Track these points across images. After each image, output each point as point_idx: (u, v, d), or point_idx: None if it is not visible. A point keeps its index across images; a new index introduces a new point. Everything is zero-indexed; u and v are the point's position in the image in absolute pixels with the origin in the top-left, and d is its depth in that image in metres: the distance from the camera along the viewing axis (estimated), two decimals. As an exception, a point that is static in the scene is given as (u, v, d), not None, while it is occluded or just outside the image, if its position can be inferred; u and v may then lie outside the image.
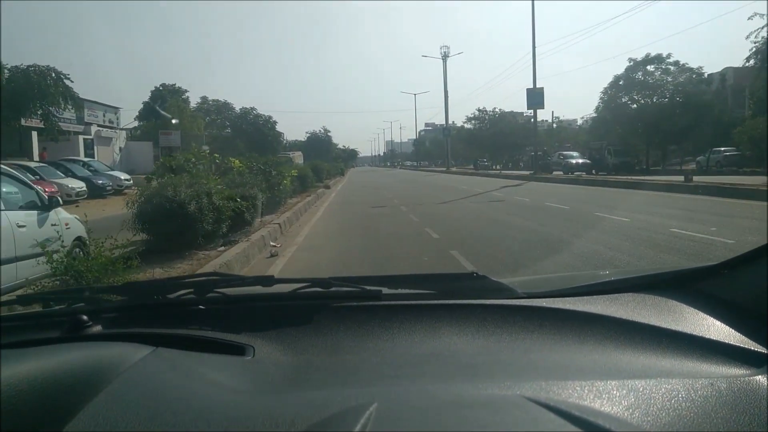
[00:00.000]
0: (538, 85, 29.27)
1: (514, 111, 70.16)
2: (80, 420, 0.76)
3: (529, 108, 28.67)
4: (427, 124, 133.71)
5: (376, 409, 0.71)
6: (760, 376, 0.83)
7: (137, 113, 47.73)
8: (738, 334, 0.98)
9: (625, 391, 0.78)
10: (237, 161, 12.04)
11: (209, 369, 0.95)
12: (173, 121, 35.94)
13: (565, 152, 38.47)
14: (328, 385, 0.89)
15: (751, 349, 0.93)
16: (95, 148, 32.98)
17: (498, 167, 59.41)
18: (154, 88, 50.25)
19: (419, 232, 10.15)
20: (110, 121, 36.77)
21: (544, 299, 1.21)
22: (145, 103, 49.09)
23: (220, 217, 7.84)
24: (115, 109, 38.26)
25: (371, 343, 1.08)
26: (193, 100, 53.19)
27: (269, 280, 1.32)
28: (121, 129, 38.29)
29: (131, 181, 25.81)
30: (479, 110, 71.40)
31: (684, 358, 0.93)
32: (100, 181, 23.32)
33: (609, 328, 1.05)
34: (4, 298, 3.84)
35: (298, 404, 0.79)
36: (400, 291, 1.27)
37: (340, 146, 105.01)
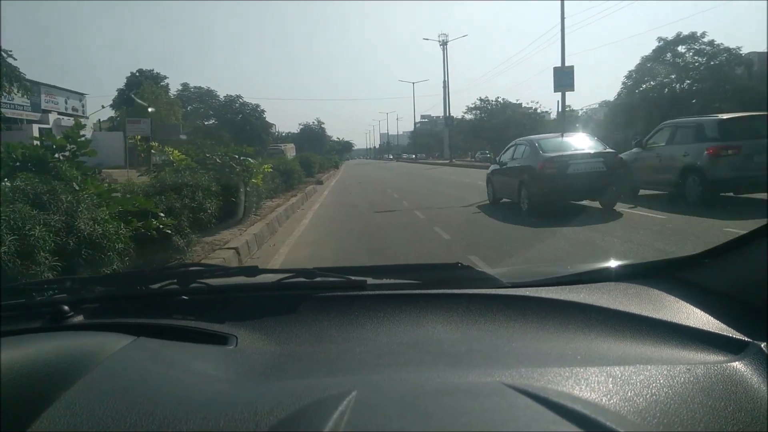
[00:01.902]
0: (558, 67, 25.30)
1: (520, 101, 66.75)
2: (56, 408, 0.76)
3: (556, 90, 24.63)
4: (423, 116, 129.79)
5: (355, 397, 0.71)
6: (737, 362, 0.84)
7: (111, 101, 43.71)
8: (717, 322, 0.98)
9: (603, 377, 0.79)
10: (176, 152, 8.05)
11: (191, 358, 0.94)
12: (149, 109, 31.74)
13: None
14: (310, 374, 0.89)
15: (729, 336, 0.93)
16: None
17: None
18: (130, 74, 46.10)
19: (458, 260, 6.20)
20: (74, 109, 32.66)
21: (527, 288, 1.21)
22: (120, 90, 45.03)
23: (98, 255, 3.95)
24: (80, 96, 34.09)
25: (355, 333, 1.08)
26: (175, 88, 48.99)
27: (253, 270, 1.30)
28: (86, 117, 33.99)
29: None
30: (481, 99, 67.45)
31: (663, 346, 0.94)
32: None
33: (591, 317, 1.06)
34: None
35: (278, 392, 0.79)
36: (384, 281, 1.27)
37: (335, 138, 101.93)
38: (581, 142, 11.03)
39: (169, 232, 5.46)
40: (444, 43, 62.28)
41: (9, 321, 1.12)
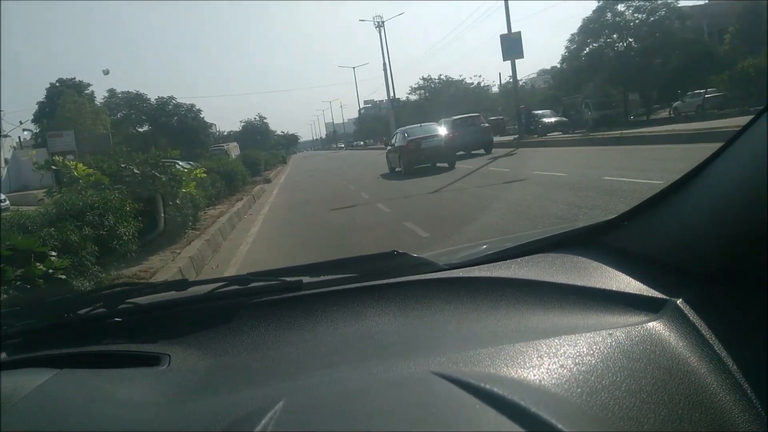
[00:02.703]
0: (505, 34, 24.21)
1: (463, 76, 66.12)
2: None
3: (505, 59, 23.61)
4: (366, 102, 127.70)
5: (282, 407, 0.70)
6: (654, 322, 0.85)
7: (32, 116, 40.46)
8: (638, 283, 0.98)
9: (530, 352, 0.80)
10: (81, 166, 6.41)
11: (119, 385, 0.91)
12: (67, 116, 29.12)
13: (536, 111, 33.87)
14: (240, 387, 0.85)
15: (648, 296, 0.94)
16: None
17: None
18: (49, 85, 42.70)
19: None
20: (-13, 128, 29.60)
21: (461, 269, 1.20)
22: (40, 104, 41.75)
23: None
24: (-7, 112, 30.95)
25: (294, 336, 1.05)
26: (101, 95, 45.71)
27: (183, 284, 1.22)
28: (5, 136, 30.97)
29: (7, 202, 19.75)
30: (424, 79, 66.95)
31: (588, 313, 0.95)
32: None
33: (521, 291, 1.05)
34: None
35: (205, 411, 0.76)
36: (321, 278, 1.22)
37: (279, 132, 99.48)
38: (431, 129, 18.29)
39: (63, 276, 4.02)
40: (380, 25, 60.66)
41: None
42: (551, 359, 0.78)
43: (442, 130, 17.99)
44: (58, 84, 42.06)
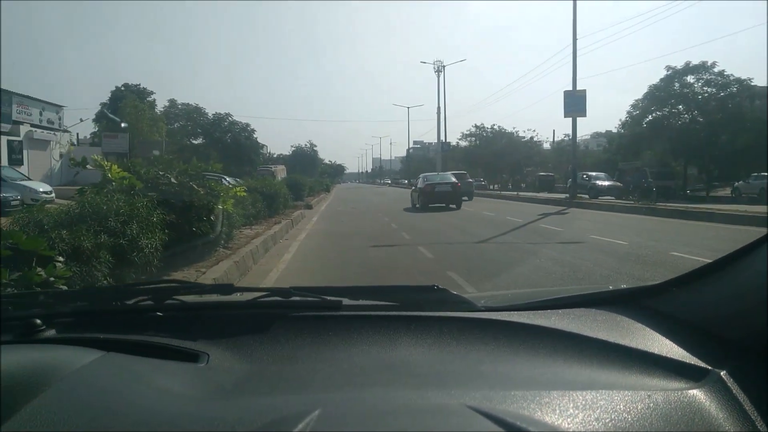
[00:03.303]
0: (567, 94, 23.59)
1: (516, 128, 65.64)
2: (15, 422, 0.76)
3: (566, 115, 22.89)
4: (415, 142, 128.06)
5: (318, 415, 0.72)
6: (696, 390, 0.84)
7: (94, 115, 41.82)
8: (681, 350, 0.99)
9: (566, 401, 0.80)
10: (115, 168, 6.04)
11: (159, 375, 0.94)
12: (122, 125, 29.67)
13: (589, 173, 32.89)
14: (276, 392, 0.89)
15: (691, 364, 0.94)
16: (24, 152, 26.79)
17: (496, 187, 54.48)
18: (114, 88, 44.15)
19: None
20: (49, 121, 30.30)
21: (500, 312, 1.22)
22: (103, 105, 43.14)
23: None
24: (57, 108, 31.58)
25: (327, 353, 1.07)
26: (162, 104, 46.97)
27: (229, 288, 1.31)
28: (64, 131, 31.81)
29: (53, 195, 19.92)
30: (477, 126, 66.41)
31: (627, 372, 0.94)
32: (2, 195, 17.30)
33: (559, 342, 1.06)
34: None
35: (242, 410, 0.79)
36: (360, 302, 1.25)
37: (327, 161, 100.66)
38: (445, 176, 22.56)
39: (64, 287, 3.52)
40: (438, 70, 60.92)
41: None
42: (587, 411, 0.77)
43: (453, 179, 22.06)
44: (123, 88, 43.46)
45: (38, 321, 1.11)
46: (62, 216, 4.46)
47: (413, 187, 23.57)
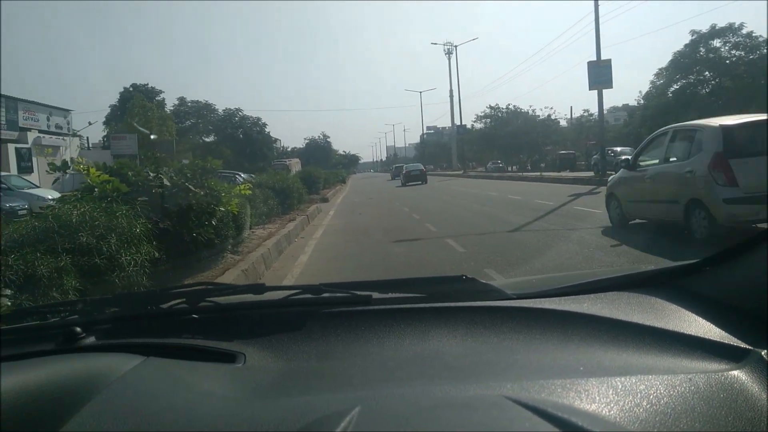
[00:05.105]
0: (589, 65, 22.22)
1: (533, 107, 64.06)
2: (67, 430, 0.77)
3: (591, 88, 21.56)
4: (429, 127, 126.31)
5: (358, 413, 0.72)
6: (737, 371, 0.83)
7: (104, 118, 41.37)
8: (719, 330, 0.97)
9: (604, 389, 0.79)
10: (93, 171, 5.18)
11: (199, 377, 0.95)
12: (134, 124, 29.03)
13: (614, 148, 31.56)
14: (315, 391, 0.90)
15: (730, 344, 0.92)
16: (34, 159, 26.28)
17: (514, 168, 53.12)
18: (123, 89, 43.62)
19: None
20: (57, 126, 29.81)
21: (531, 300, 1.21)
22: (113, 107, 42.70)
23: None
24: (65, 112, 31.06)
25: (361, 348, 1.08)
26: (171, 102, 46.35)
27: (260, 288, 1.31)
28: (73, 135, 31.26)
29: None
30: (491, 107, 64.74)
31: (665, 355, 0.93)
32: (9, 204, 16.80)
33: (593, 327, 1.05)
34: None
35: (283, 410, 0.80)
36: (390, 295, 1.26)
37: (341, 152, 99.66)
38: (417, 165, 44.36)
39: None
40: (449, 53, 59.43)
41: (23, 343, 1.13)
42: (627, 397, 0.77)
43: (422, 167, 37.50)
44: (131, 88, 42.91)
45: (78, 329, 1.11)
46: (21, 234, 3.64)
47: (396, 171, 40.79)
